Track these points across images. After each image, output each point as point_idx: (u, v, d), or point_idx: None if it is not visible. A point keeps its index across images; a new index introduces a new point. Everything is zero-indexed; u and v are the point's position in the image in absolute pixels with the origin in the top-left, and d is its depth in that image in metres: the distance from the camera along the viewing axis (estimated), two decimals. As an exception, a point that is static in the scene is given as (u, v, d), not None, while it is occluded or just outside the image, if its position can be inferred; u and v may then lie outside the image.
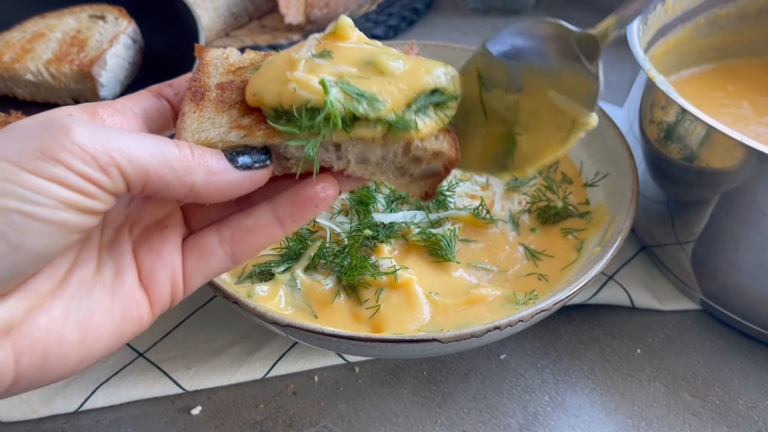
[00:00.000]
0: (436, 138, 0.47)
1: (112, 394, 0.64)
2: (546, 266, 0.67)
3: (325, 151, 0.46)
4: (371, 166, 0.48)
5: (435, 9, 1.29)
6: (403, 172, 0.48)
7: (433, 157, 0.47)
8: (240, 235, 0.46)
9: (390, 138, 0.45)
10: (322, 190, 0.46)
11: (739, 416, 0.63)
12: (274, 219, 0.46)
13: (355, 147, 0.46)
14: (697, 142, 0.61)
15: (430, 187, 0.49)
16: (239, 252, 0.47)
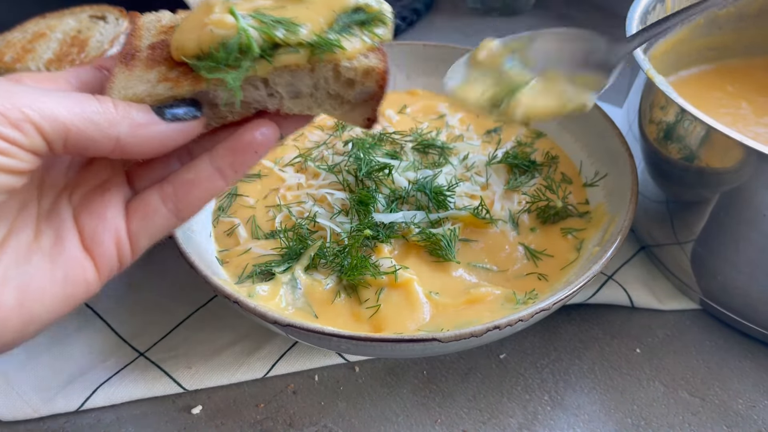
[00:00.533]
0: (365, 57, 0.46)
1: (112, 394, 0.64)
2: (546, 266, 0.67)
3: (254, 89, 0.45)
4: (305, 99, 0.47)
5: (435, 9, 1.29)
6: (341, 101, 0.47)
7: (365, 76, 0.45)
8: (182, 190, 0.45)
9: (315, 62, 0.44)
10: (261, 135, 0.45)
11: (738, 415, 0.63)
12: (214, 170, 0.45)
13: (283, 78, 0.45)
14: (696, 142, 0.61)
15: (370, 112, 0.48)
16: (183, 207, 0.46)
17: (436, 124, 0.82)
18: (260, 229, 0.70)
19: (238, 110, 0.46)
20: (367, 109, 0.48)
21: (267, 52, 0.43)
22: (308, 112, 0.48)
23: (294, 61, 0.44)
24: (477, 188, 0.74)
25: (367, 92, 0.47)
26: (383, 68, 0.45)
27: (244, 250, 0.68)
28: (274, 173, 0.76)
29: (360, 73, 0.45)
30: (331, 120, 0.83)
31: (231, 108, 0.46)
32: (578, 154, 0.77)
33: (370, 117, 0.48)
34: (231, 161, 0.45)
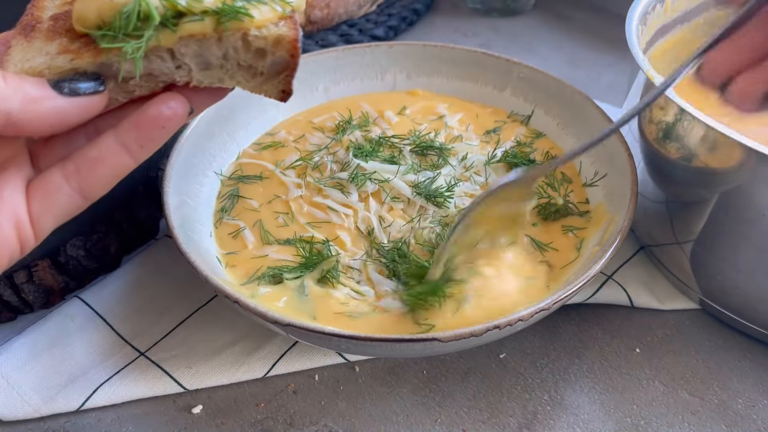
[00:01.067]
0: (276, 26, 0.44)
1: (113, 393, 0.65)
2: (551, 257, 0.67)
3: (161, 60, 0.43)
4: (216, 70, 0.45)
5: (435, 9, 1.29)
6: (253, 72, 0.46)
7: (276, 45, 0.44)
8: (85, 167, 0.43)
9: (222, 30, 0.43)
10: (167, 108, 0.43)
11: (738, 415, 0.63)
12: (119, 146, 0.43)
13: (189, 48, 0.43)
14: (695, 142, 0.61)
15: (284, 83, 0.46)
16: (87, 186, 0.43)
17: (435, 125, 0.82)
18: (271, 235, 0.69)
19: (145, 84, 0.44)
20: (281, 80, 0.46)
21: (170, 21, 0.42)
22: (219, 84, 0.46)
23: (199, 30, 0.42)
24: (477, 188, 0.74)
25: (280, 63, 0.45)
26: (294, 36, 0.44)
27: (260, 254, 0.68)
28: (275, 176, 0.76)
29: (270, 42, 0.44)
30: (332, 122, 0.83)
31: (137, 82, 0.44)
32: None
33: (285, 89, 0.46)
34: (136, 136, 0.43)
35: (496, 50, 0.97)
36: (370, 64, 0.87)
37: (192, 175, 0.73)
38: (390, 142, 0.78)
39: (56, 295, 0.73)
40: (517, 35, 1.21)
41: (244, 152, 0.80)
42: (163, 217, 0.65)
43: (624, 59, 0.70)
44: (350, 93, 0.88)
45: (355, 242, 0.69)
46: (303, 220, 0.71)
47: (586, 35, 1.19)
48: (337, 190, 0.73)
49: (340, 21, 1.20)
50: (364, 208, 0.71)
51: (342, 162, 0.76)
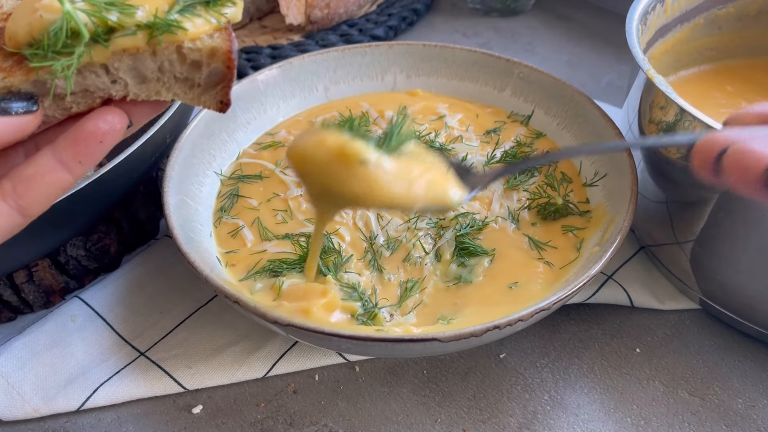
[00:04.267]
0: (210, 37, 0.44)
1: (113, 393, 0.65)
2: (546, 266, 0.67)
3: (95, 76, 0.43)
4: (152, 83, 0.45)
5: (435, 9, 1.29)
6: (190, 84, 0.46)
7: (211, 57, 0.44)
8: (22, 185, 0.42)
9: (155, 44, 0.43)
10: (104, 123, 0.42)
11: (738, 415, 0.63)
12: (57, 163, 0.42)
13: (124, 63, 0.43)
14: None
15: (222, 94, 0.46)
16: (26, 204, 0.42)
17: (436, 125, 0.82)
18: (269, 231, 0.70)
19: (82, 100, 0.44)
20: (219, 91, 0.46)
21: (102, 37, 0.41)
22: (157, 96, 0.46)
23: (132, 45, 0.42)
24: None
25: (217, 74, 0.45)
26: (228, 47, 0.44)
27: (258, 250, 0.68)
28: (275, 175, 0.76)
29: (205, 54, 0.44)
30: (332, 122, 0.83)
31: (73, 98, 0.44)
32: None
33: (223, 100, 0.46)
34: (74, 152, 0.42)
35: (496, 50, 0.97)
36: (370, 64, 0.87)
37: (192, 175, 0.73)
38: (390, 142, 0.78)
39: (56, 295, 0.73)
40: (517, 35, 1.21)
41: (244, 152, 0.80)
42: (163, 217, 0.65)
43: (624, 59, 0.70)
44: (350, 93, 0.88)
45: (354, 238, 0.69)
46: (302, 217, 0.71)
47: (586, 35, 1.19)
48: None
49: (340, 21, 1.20)
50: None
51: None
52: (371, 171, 0.50)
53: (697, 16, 0.81)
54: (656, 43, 0.78)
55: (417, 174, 0.52)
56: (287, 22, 1.15)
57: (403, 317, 0.63)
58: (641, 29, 0.72)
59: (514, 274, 0.65)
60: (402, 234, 0.69)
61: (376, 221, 0.70)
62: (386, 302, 0.64)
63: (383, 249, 0.68)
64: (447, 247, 0.68)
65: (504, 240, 0.69)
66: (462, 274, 0.66)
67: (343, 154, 0.50)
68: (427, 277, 0.66)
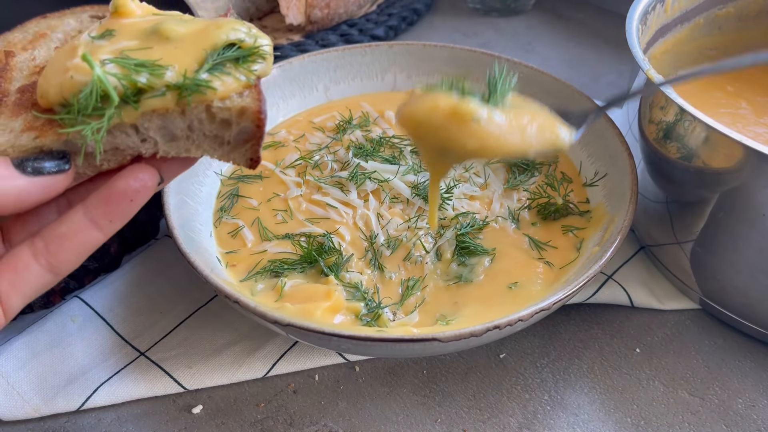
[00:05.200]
0: (240, 96, 0.44)
1: (113, 393, 0.65)
2: (546, 266, 0.67)
3: (125, 135, 0.43)
4: (182, 141, 0.45)
5: (435, 9, 1.29)
6: (220, 141, 0.45)
7: (240, 116, 0.44)
8: (54, 244, 0.42)
9: (185, 104, 0.42)
10: (135, 181, 0.42)
11: (737, 415, 0.63)
12: (88, 222, 0.42)
13: (153, 123, 0.43)
14: (696, 142, 0.61)
15: (252, 152, 0.46)
16: (57, 263, 0.43)
17: (436, 124, 0.82)
18: (269, 232, 0.70)
19: (112, 158, 0.44)
20: (248, 149, 0.46)
21: (131, 98, 0.41)
22: (187, 154, 0.45)
23: (161, 105, 0.42)
24: (476, 189, 0.74)
25: (246, 132, 0.45)
26: (257, 108, 0.43)
27: (259, 250, 0.68)
28: (275, 175, 0.76)
29: (234, 114, 0.44)
30: (332, 122, 0.83)
31: (104, 156, 0.44)
32: (578, 153, 0.77)
33: (252, 157, 0.46)
34: (105, 211, 0.42)
35: (496, 50, 0.97)
36: (370, 64, 0.87)
37: (192, 175, 0.73)
38: (390, 142, 0.78)
39: (56, 295, 0.73)
40: (517, 35, 1.21)
41: (244, 152, 0.80)
42: (163, 216, 0.65)
43: (624, 59, 0.70)
44: (350, 93, 0.88)
45: (354, 238, 0.69)
46: (302, 217, 0.71)
47: (586, 35, 1.19)
48: (336, 188, 0.73)
49: (340, 21, 1.20)
50: (364, 206, 0.71)
51: (342, 161, 0.76)
52: (485, 126, 0.51)
53: (697, 16, 0.81)
54: (656, 43, 0.78)
55: (526, 121, 0.53)
56: (287, 22, 1.15)
57: (406, 316, 0.63)
58: (641, 29, 0.72)
59: (514, 274, 0.65)
60: (402, 233, 0.69)
61: (376, 221, 0.70)
62: (389, 301, 0.64)
63: (384, 248, 0.68)
64: (447, 246, 0.68)
65: (504, 240, 0.69)
66: (462, 273, 0.66)
67: (457, 114, 0.51)
68: (427, 276, 0.66)
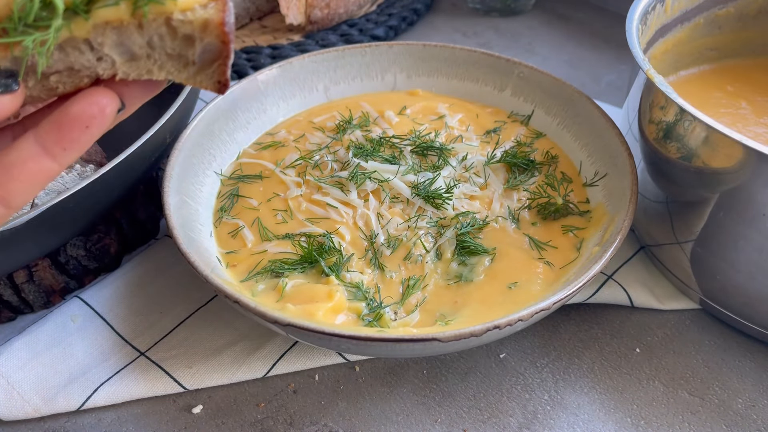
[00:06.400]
0: (204, 7, 0.39)
1: (113, 393, 0.65)
2: (546, 266, 0.67)
3: (79, 53, 0.39)
4: (142, 60, 0.41)
5: (435, 9, 1.29)
6: (184, 62, 0.41)
7: (203, 31, 0.39)
8: (4, 174, 0.38)
9: (141, 15, 0.38)
10: (91, 105, 0.38)
11: (738, 415, 0.63)
12: (39, 149, 0.38)
13: (108, 38, 0.39)
14: (696, 142, 0.61)
15: (219, 73, 0.42)
16: (7, 195, 0.39)
17: (436, 125, 0.82)
18: (270, 232, 0.70)
19: (68, 79, 0.40)
20: (215, 70, 0.42)
21: (81, 8, 0.37)
22: (149, 76, 0.41)
23: (115, 16, 0.38)
24: (476, 189, 0.74)
25: (212, 50, 0.40)
26: (220, 19, 0.39)
27: (259, 251, 0.68)
28: (275, 175, 0.76)
29: (197, 28, 0.39)
30: (332, 122, 0.83)
31: (59, 77, 0.40)
32: (578, 153, 0.77)
33: (220, 80, 0.42)
34: (58, 138, 0.38)
35: (496, 50, 0.97)
36: (370, 64, 0.87)
37: (192, 175, 0.73)
38: (390, 142, 0.78)
39: (56, 295, 0.73)
40: (517, 35, 1.21)
41: (244, 152, 0.80)
42: (163, 217, 0.65)
43: (624, 59, 0.70)
44: (350, 93, 0.88)
45: (354, 238, 0.69)
46: (302, 217, 0.71)
47: (586, 35, 1.19)
48: (336, 188, 0.73)
49: (340, 21, 1.20)
50: (364, 206, 0.71)
51: (342, 161, 0.76)
52: None
53: (697, 16, 0.81)
54: (656, 43, 0.78)
55: None
56: (287, 22, 1.15)
57: (408, 315, 0.63)
58: (641, 29, 0.72)
59: (515, 274, 0.65)
60: (402, 233, 0.69)
61: (377, 220, 0.70)
62: (390, 300, 0.64)
63: (384, 248, 0.68)
64: (448, 245, 0.68)
65: (504, 239, 0.69)
66: (463, 273, 0.66)
67: None
68: (428, 275, 0.66)
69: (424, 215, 0.71)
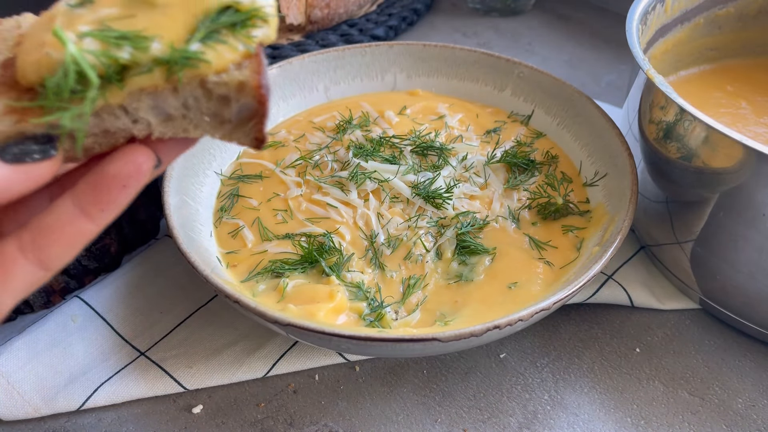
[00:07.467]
0: (238, 67, 0.38)
1: (113, 393, 0.65)
2: (546, 266, 0.67)
3: (115, 117, 0.38)
4: (178, 121, 0.40)
5: (435, 9, 1.29)
6: (220, 120, 0.40)
7: (239, 92, 0.38)
8: (42, 237, 0.38)
9: (175, 81, 0.37)
10: (128, 165, 0.37)
11: (738, 415, 0.63)
12: (78, 211, 0.38)
13: (143, 102, 0.38)
14: (696, 141, 0.61)
15: (255, 131, 0.41)
16: (47, 258, 0.38)
17: (436, 125, 0.82)
18: (270, 232, 0.70)
19: (104, 140, 0.40)
20: (252, 127, 0.41)
21: (115, 77, 0.37)
22: (185, 134, 0.41)
23: (149, 83, 0.37)
24: (476, 189, 0.74)
25: (249, 109, 0.40)
26: (257, 82, 0.38)
27: (259, 251, 0.68)
28: (275, 175, 0.76)
29: (233, 89, 0.38)
30: (332, 122, 0.83)
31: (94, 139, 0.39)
32: (578, 153, 0.77)
33: (257, 137, 0.41)
34: (95, 199, 0.37)
35: (496, 50, 0.97)
36: (370, 64, 0.87)
37: (192, 175, 0.73)
38: (390, 142, 0.78)
39: (56, 295, 0.73)
40: (517, 35, 1.21)
41: (245, 152, 0.80)
42: (163, 216, 0.65)
43: (624, 59, 0.70)
44: (350, 93, 0.88)
45: (354, 237, 0.69)
46: (302, 216, 0.71)
47: (586, 35, 1.19)
48: (336, 188, 0.73)
49: (340, 21, 1.20)
50: (364, 206, 0.71)
51: (342, 161, 0.76)
52: None
53: (697, 16, 0.81)
54: (656, 42, 0.78)
55: None
56: (287, 21, 1.15)
57: (409, 315, 0.63)
58: (641, 29, 0.72)
59: (515, 274, 0.65)
60: (402, 232, 0.69)
61: (377, 220, 0.70)
62: (391, 299, 0.64)
63: (384, 247, 0.68)
64: (448, 245, 0.68)
65: (504, 239, 0.69)
66: (463, 273, 0.66)
67: None
68: (428, 275, 0.66)
69: (425, 215, 0.71)
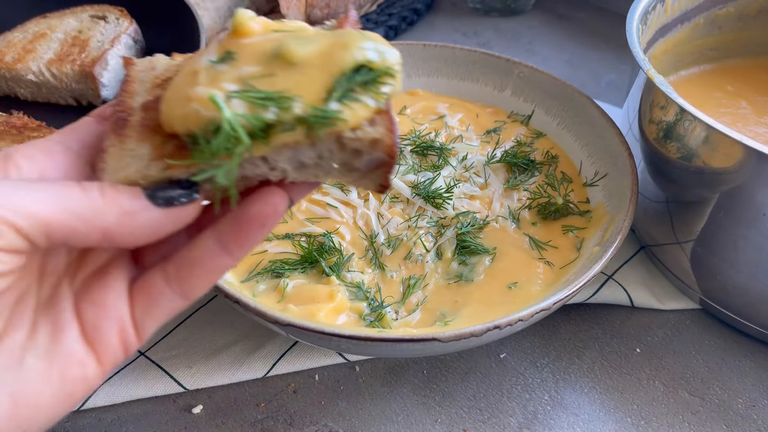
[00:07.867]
0: (371, 123, 0.41)
1: (113, 393, 0.65)
2: (546, 266, 0.67)
3: (254, 166, 0.42)
4: (311, 169, 0.43)
5: (435, 9, 1.29)
6: (349, 168, 0.43)
7: (372, 147, 0.41)
8: (185, 270, 0.41)
9: (315, 137, 0.40)
10: (267, 206, 0.41)
11: (738, 415, 0.63)
12: (219, 248, 0.41)
13: (283, 155, 0.41)
14: (696, 141, 0.61)
15: (382, 178, 0.44)
16: (188, 289, 0.42)
17: (436, 125, 0.82)
18: (270, 231, 0.70)
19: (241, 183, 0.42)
20: (378, 175, 0.44)
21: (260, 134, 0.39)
22: (315, 179, 0.44)
23: (291, 140, 0.40)
24: (476, 189, 0.74)
25: (378, 160, 0.42)
26: (391, 141, 0.41)
27: (259, 251, 0.68)
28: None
29: (367, 145, 0.41)
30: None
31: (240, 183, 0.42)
32: (578, 153, 0.77)
33: (383, 183, 0.44)
34: (236, 237, 0.41)
35: (496, 50, 0.97)
36: (370, 64, 0.87)
37: (192, 175, 0.73)
38: (390, 142, 0.78)
39: (56, 295, 0.73)
40: (517, 35, 1.21)
41: (245, 152, 0.80)
42: (163, 216, 0.65)
43: (624, 59, 0.70)
44: (350, 93, 0.87)
45: (354, 237, 0.69)
46: (302, 216, 0.71)
47: (586, 35, 1.19)
48: (336, 188, 0.73)
49: (340, 21, 1.20)
50: (364, 206, 0.71)
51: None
52: None
53: (697, 16, 0.81)
54: (656, 42, 0.78)
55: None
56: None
57: (409, 315, 0.63)
58: (641, 29, 0.72)
59: (515, 274, 0.65)
60: (402, 232, 0.69)
61: (377, 220, 0.70)
62: (391, 299, 0.64)
63: (384, 247, 0.68)
64: (448, 245, 0.68)
65: (504, 239, 0.69)
66: (463, 272, 0.66)
67: None
68: (428, 275, 0.66)
69: (425, 215, 0.71)
